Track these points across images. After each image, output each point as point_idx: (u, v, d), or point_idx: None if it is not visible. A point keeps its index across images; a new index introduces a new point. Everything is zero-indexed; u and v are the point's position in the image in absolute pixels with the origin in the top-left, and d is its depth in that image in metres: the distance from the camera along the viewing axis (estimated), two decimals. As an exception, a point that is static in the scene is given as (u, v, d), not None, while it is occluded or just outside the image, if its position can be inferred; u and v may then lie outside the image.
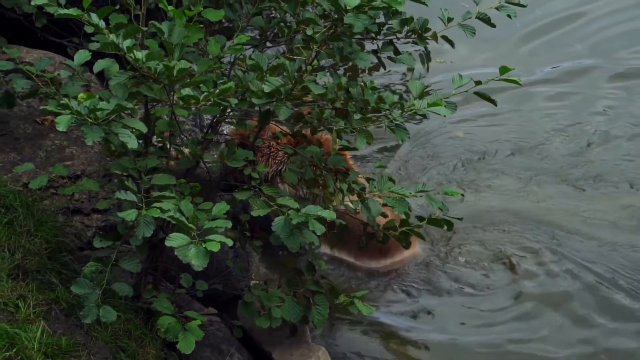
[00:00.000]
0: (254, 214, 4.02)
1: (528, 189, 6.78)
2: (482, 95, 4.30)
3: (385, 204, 4.45)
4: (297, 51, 4.36)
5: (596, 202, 6.62)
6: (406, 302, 5.76)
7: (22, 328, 3.83)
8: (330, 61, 4.59)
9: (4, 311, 3.93)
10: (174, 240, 3.48)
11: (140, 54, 3.71)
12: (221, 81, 4.02)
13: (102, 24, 3.74)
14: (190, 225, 3.55)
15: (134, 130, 3.66)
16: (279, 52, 4.65)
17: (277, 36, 4.99)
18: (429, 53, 5.18)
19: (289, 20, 4.76)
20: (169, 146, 4.29)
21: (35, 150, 5.00)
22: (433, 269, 5.98)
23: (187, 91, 3.83)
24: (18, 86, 4.52)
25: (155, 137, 4.26)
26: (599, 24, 9.02)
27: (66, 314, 4.08)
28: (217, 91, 3.80)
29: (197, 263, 3.42)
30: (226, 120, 4.73)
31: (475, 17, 4.65)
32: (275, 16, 4.96)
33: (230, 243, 3.50)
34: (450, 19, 4.70)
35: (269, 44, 5.21)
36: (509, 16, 4.63)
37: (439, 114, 4.12)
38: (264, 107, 4.25)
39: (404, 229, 4.69)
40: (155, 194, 3.87)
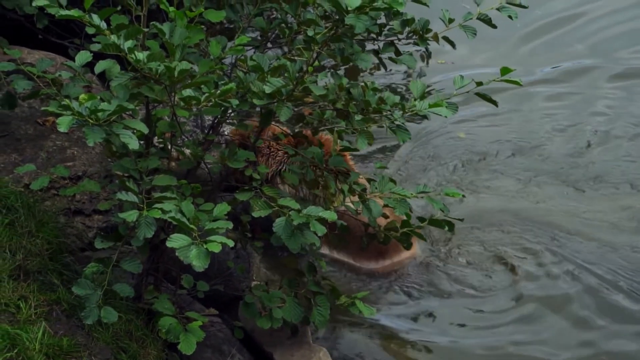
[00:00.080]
0: (255, 214, 4.02)
1: (528, 190, 6.76)
2: (484, 97, 4.29)
3: (386, 205, 4.45)
4: (298, 52, 4.36)
5: (596, 203, 6.59)
6: (407, 304, 5.75)
7: (24, 329, 3.83)
8: (331, 61, 4.58)
9: (6, 312, 3.93)
10: (175, 241, 3.48)
11: (141, 55, 3.71)
12: (222, 82, 4.02)
13: (103, 25, 3.74)
14: (192, 226, 3.54)
15: (135, 131, 3.66)
16: (278, 55, 4.63)
17: (278, 37, 4.99)
18: (430, 54, 5.17)
19: (290, 21, 4.76)
20: (170, 147, 4.29)
21: (37, 151, 5.00)
22: (434, 269, 5.97)
23: (188, 92, 3.83)
24: (19, 87, 4.53)
25: (156, 138, 4.26)
26: (599, 24, 9.01)
27: (67, 314, 4.08)
28: (218, 92, 3.80)
29: (198, 264, 3.42)
30: (227, 121, 4.72)
31: (476, 18, 4.65)
32: (277, 17, 4.96)
33: (231, 244, 3.50)
34: (451, 20, 4.69)
35: (270, 44, 5.21)
36: (510, 17, 4.61)
37: (440, 114, 4.13)
38: (265, 108, 4.25)
39: (405, 229, 4.69)
40: (156, 194, 3.87)
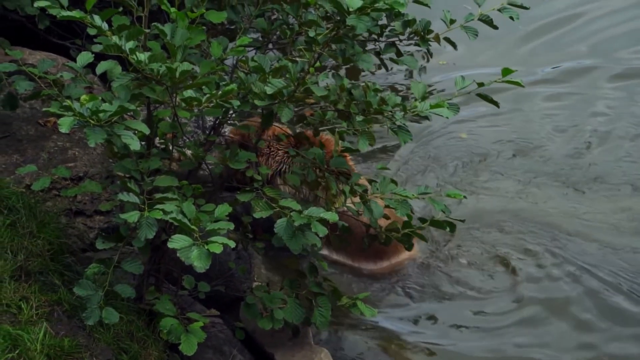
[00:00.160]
0: (257, 215, 4.02)
1: (528, 191, 6.74)
2: (485, 97, 4.29)
3: (387, 206, 4.44)
4: (299, 53, 4.36)
5: (597, 204, 6.57)
6: (408, 306, 5.74)
7: (25, 329, 3.83)
8: (332, 61, 4.59)
9: (7, 313, 3.93)
10: (177, 241, 3.48)
11: (142, 56, 3.71)
12: (224, 83, 4.02)
13: (104, 26, 3.74)
14: (193, 226, 3.54)
15: (136, 132, 3.65)
16: (280, 56, 4.62)
17: (279, 38, 4.99)
18: (431, 55, 5.17)
19: (291, 22, 4.76)
20: (171, 148, 4.29)
21: (38, 151, 5.00)
22: (434, 271, 5.96)
23: (189, 93, 3.82)
24: (21, 88, 4.53)
25: (157, 138, 4.26)
26: (599, 24, 9.01)
27: (69, 315, 4.08)
28: (220, 93, 3.79)
29: (200, 265, 3.41)
30: (229, 122, 4.72)
31: (478, 19, 4.65)
32: (278, 18, 4.97)
33: (232, 245, 3.50)
34: (452, 21, 4.69)
35: (271, 46, 5.21)
36: (511, 18, 4.62)
37: (441, 115, 4.13)
38: (266, 109, 4.25)
39: (406, 230, 4.68)
40: (157, 195, 3.86)
